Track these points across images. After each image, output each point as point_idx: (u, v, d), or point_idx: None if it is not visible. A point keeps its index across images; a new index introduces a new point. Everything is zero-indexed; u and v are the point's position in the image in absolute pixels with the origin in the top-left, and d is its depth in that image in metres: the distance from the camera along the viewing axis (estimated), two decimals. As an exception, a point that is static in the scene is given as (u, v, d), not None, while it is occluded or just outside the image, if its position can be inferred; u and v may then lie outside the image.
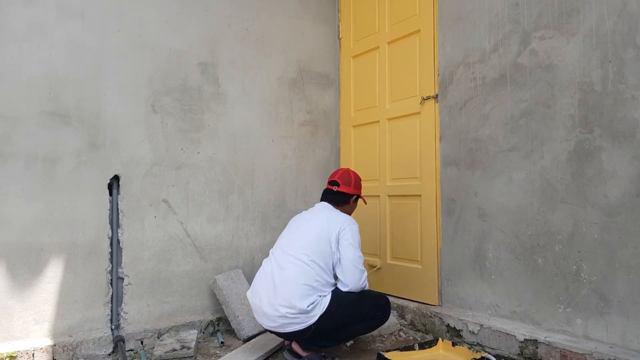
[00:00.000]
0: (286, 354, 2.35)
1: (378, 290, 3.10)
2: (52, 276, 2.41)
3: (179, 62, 2.85)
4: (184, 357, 2.35)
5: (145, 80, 2.73)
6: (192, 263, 2.85)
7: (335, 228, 2.27)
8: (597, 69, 2.04)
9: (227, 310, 2.72)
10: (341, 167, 3.51)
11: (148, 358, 2.40)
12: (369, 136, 3.26)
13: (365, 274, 2.29)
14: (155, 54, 2.76)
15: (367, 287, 2.33)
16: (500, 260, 2.41)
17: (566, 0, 2.16)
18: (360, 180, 2.55)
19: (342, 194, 2.46)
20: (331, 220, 2.30)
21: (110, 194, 2.60)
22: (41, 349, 2.27)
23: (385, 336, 2.68)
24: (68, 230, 2.46)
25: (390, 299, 2.96)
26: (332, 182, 2.49)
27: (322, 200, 2.50)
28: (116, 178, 2.62)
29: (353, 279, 2.23)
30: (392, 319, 2.79)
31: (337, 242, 2.25)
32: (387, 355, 2.17)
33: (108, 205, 2.58)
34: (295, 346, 2.31)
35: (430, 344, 2.38)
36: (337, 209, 2.44)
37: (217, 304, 2.86)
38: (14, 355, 2.19)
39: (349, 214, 2.49)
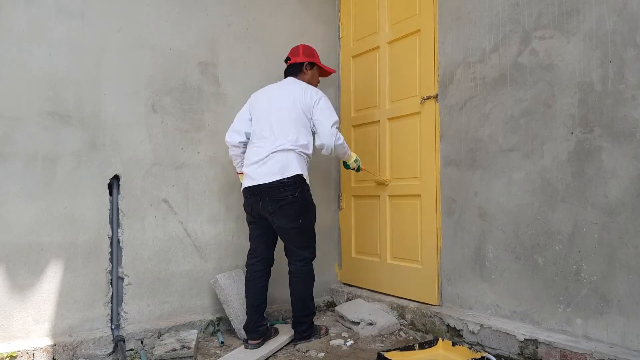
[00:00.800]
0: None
1: (378, 290, 3.12)
2: (52, 276, 2.41)
3: (179, 62, 2.85)
4: (184, 357, 2.35)
5: (145, 80, 2.73)
6: (192, 263, 2.85)
7: (310, 101, 2.54)
8: (597, 68, 2.04)
9: (228, 309, 2.72)
10: (341, 169, 3.51)
11: (148, 358, 2.40)
12: (369, 136, 3.25)
13: (338, 132, 2.57)
14: (155, 53, 2.76)
15: (343, 146, 2.63)
16: (500, 260, 2.41)
17: (566, 0, 2.15)
18: (312, 49, 2.80)
19: (293, 65, 2.74)
20: (306, 93, 2.56)
21: (111, 193, 2.60)
22: (41, 348, 2.27)
23: (385, 336, 2.68)
24: (68, 230, 2.46)
25: (391, 298, 2.97)
26: (285, 60, 2.79)
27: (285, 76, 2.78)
28: (116, 178, 2.62)
29: (327, 137, 2.53)
30: (392, 318, 2.79)
31: (312, 111, 2.54)
32: (387, 355, 2.18)
33: (108, 205, 2.58)
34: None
35: (430, 343, 2.38)
36: (300, 80, 2.70)
37: (217, 303, 2.86)
38: (14, 355, 2.19)
39: (311, 82, 2.73)
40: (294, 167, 2.45)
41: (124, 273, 2.62)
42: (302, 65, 2.72)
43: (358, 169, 2.88)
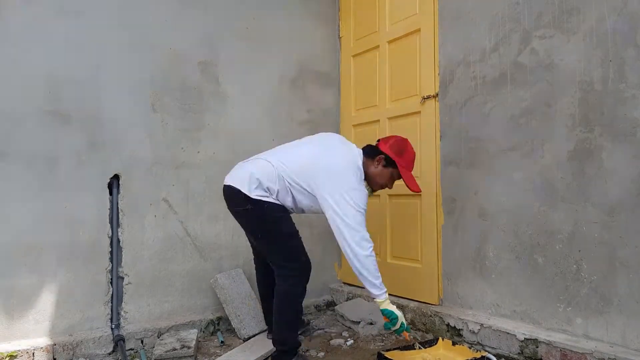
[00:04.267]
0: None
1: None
2: (52, 275, 2.41)
3: (179, 62, 2.84)
4: (184, 357, 2.34)
5: (145, 79, 2.72)
6: (192, 262, 2.85)
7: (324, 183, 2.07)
8: (597, 68, 2.04)
9: (228, 309, 2.72)
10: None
11: (148, 357, 2.40)
12: (370, 136, 3.25)
13: (359, 236, 2.04)
14: (155, 53, 2.76)
15: (369, 266, 2.07)
16: (500, 260, 2.41)
17: (566, 0, 2.15)
18: (405, 147, 2.23)
19: (373, 147, 2.26)
20: (347, 158, 2.12)
21: (110, 193, 2.60)
22: (41, 348, 2.27)
23: (386, 335, 2.68)
24: (68, 230, 2.46)
25: (391, 298, 2.96)
26: (377, 141, 2.32)
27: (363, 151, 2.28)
28: (116, 177, 2.62)
29: (340, 239, 2.07)
30: (392, 318, 2.79)
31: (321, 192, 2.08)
32: (387, 354, 2.17)
33: (108, 205, 2.58)
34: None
35: (431, 343, 2.37)
36: (363, 164, 2.21)
37: (217, 303, 2.86)
38: (14, 354, 2.19)
39: (375, 177, 2.23)
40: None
41: (124, 272, 2.62)
42: (378, 154, 2.21)
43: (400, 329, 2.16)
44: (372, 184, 2.27)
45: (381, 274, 3.06)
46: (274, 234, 2.17)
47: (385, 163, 2.22)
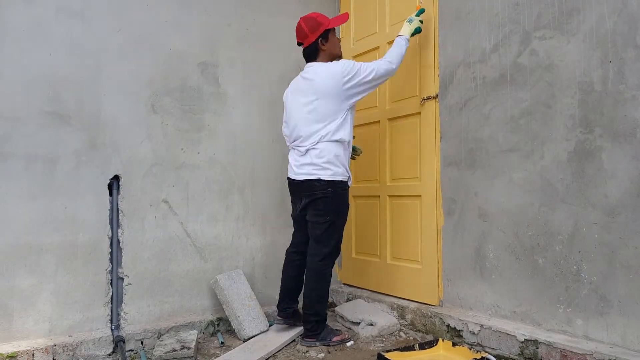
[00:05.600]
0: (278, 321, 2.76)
1: (378, 290, 3.12)
2: (52, 276, 2.41)
3: (179, 62, 2.85)
4: (184, 357, 2.34)
5: (145, 80, 2.73)
6: (192, 263, 2.85)
7: (339, 82, 2.47)
8: (597, 68, 2.04)
9: (228, 310, 2.72)
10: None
11: (148, 358, 2.40)
12: (369, 136, 3.25)
13: (378, 69, 2.53)
14: (155, 54, 2.76)
15: (394, 61, 2.58)
16: (500, 261, 2.40)
17: (566, 0, 2.15)
18: (313, 18, 2.59)
19: (309, 47, 2.62)
20: (327, 82, 2.49)
21: (110, 194, 2.60)
22: (41, 349, 2.27)
23: (386, 336, 2.68)
24: (68, 230, 2.46)
25: (391, 299, 2.97)
26: (298, 44, 2.67)
27: (306, 60, 2.69)
28: (116, 178, 2.62)
29: (389, 69, 2.58)
30: (392, 319, 2.79)
31: (349, 85, 2.48)
32: (387, 355, 2.17)
33: (108, 206, 2.58)
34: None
35: (431, 344, 2.37)
36: (321, 60, 2.62)
37: (217, 304, 2.86)
38: (14, 355, 2.19)
39: (333, 52, 2.65)
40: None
41: (123, 273, 2.62)
42: (317, 43, 2.61)
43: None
44: (335, 55, 2.67)
45: (381, 274, 3.09)
46: (342, 220, 2.62)
47: (325, 39, 2.61)
